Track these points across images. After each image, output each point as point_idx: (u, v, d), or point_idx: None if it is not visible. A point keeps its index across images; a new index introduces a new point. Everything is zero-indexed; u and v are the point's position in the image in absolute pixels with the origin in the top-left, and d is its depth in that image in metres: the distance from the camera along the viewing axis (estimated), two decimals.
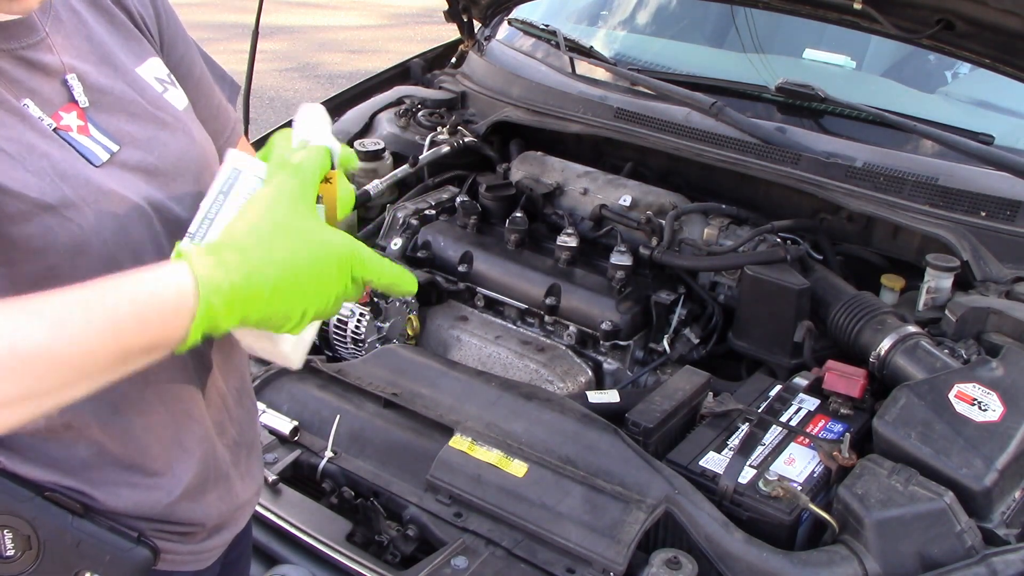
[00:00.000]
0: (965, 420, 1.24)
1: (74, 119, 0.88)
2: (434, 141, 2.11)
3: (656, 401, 1.39)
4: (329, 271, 0.79)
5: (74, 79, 0.89)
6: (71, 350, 0.68)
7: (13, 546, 0.87)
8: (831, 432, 1.35)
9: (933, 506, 1.14)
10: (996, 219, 1.62)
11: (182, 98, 1.00)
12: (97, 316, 0.69)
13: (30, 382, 0.67)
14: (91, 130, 0.88)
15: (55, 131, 0.85)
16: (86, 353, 0.69)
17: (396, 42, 7.06)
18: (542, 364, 1.65)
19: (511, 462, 1.27)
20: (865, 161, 1.77)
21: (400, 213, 1.94)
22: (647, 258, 1.76)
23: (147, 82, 0.97)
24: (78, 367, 0.69)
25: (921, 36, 1.73)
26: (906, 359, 1.39)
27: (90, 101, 0.90)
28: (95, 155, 0.88)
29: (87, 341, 0.68)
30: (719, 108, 1.89)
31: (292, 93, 5.78)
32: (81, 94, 0.89)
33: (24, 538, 0.87)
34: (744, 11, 2.13)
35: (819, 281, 1.63)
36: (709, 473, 1.27)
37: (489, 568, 1.16)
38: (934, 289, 1.56)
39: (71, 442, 0.91)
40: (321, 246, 0.79)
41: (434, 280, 1.84)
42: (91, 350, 0.69)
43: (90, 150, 0.87)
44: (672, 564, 1.11)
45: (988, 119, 1.88)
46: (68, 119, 0.87)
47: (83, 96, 0.89)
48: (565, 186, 1.96)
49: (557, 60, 2.21)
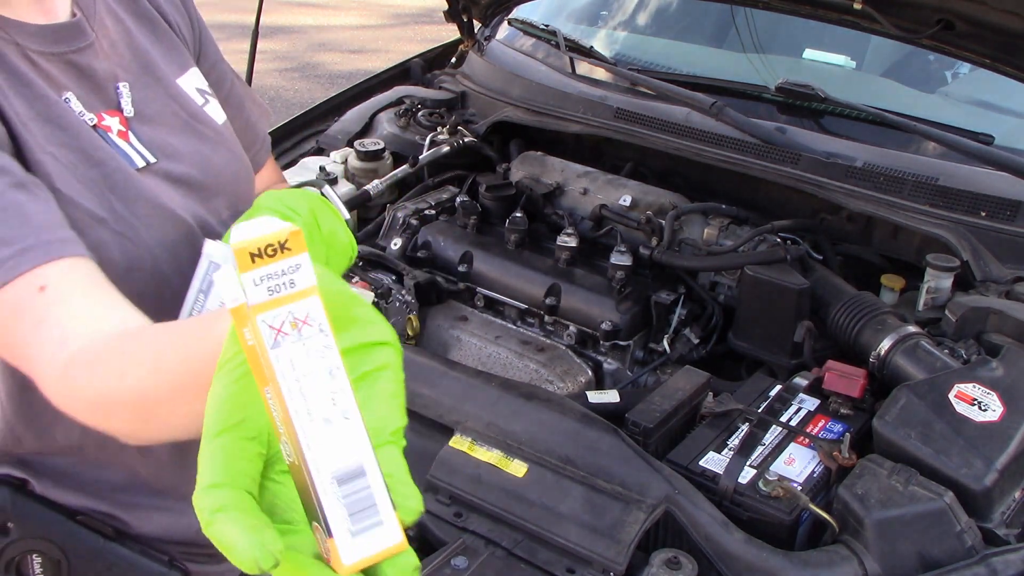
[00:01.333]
0: (965, 420, 1.24)
1: (116, 123, 0.86)
2: (434, 141, 2.11)
3: (656, 401, 1.39)
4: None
5: (125, 87, 0.88)
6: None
7: (42, 570, 0.87)
8: (831, 432, 1.35)
9: (933, 506, 1.14)
10: (996, 219, 1.62)
11: (220, 112, 0.98)
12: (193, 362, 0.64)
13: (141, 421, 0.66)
14: (131, 137, 0.87)
15: (94, 127, 0.84)
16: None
17: (396, 42, 7.06)
18: (542, 364, 1.65)
19: (511, 462, 1.27)
20: (865, 161, 1.77)
21: (400, 213, 1.94)
22: (647, 258, 1.76)
23: (188, 94, 0.94)
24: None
25: (921, 36, 1.73)
26: (906, 359, 1.39)
27: (135, 112, 0.88)
28: (132, 161, 0.86)
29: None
30: (719, 108, 1.89)
31: (292, 93, 5.78)
32: (128, 104, 0.88)
33: (54, 562, 0.87)
34: (744, 11, 2.13)
35: (819, 281, 1.63)
36: (709, 473, 1.27)
37: (489, 568, 1.16)
38: (934, 289, 1.56)
39: (103, 466, 0.90)
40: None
41: (434, 280, 1.84)
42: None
43: (128, 156, 0.86)
44: (672, 564, 1.11)
45: (988, 119, 1.88)
46: (109, 121, 0.86)
47: (130, 106, 0.88)
48: (565, 186, 1.96)
49: (557, 60, 2.21)
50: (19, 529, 0.86)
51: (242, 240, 0.48)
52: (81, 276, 0.72)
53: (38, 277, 0.70)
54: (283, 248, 0.48)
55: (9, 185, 0.73)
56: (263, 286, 0.48)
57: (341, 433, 0.48)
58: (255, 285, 0.48)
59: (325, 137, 2.20)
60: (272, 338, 0.48)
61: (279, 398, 0.48)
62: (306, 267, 0.49)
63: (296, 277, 0.49)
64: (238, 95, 1.06)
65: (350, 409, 0.49)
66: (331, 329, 0.49)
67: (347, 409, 0.49)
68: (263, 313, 0.48)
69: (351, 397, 0.49)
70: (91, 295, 0.71)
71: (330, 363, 0.49)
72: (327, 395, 0.49)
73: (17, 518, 0.86)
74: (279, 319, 0.48)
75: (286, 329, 0.48)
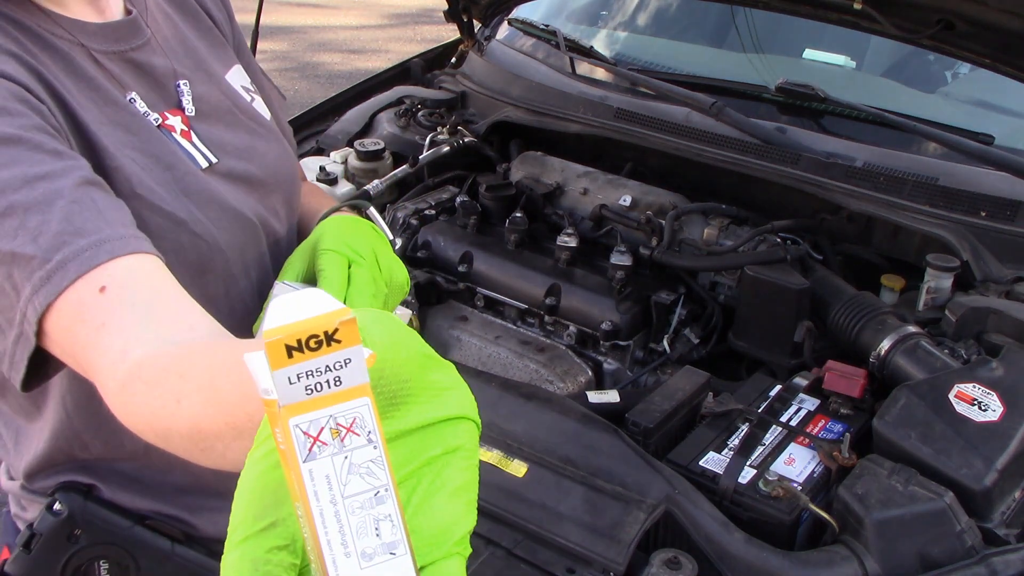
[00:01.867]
0: (965, 420, 1.24)
1: (179, 123, 0.85)
2: (434, 141, 2.11)
3: (656, 401, 1.39)
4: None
5: (185, 85, 0.87)
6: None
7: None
8: (831, 432, 1.35)
9: (933, 506, 1.14)
10: (996, 219, 1.62)
11: (265, 108, 0.97)
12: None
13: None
14: (193, 137, 0.86)
15: (159, 128, 0.83)
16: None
17: (396, 42, 7.06)
18: (542, 364, 1.65)
19: (511, 462, 1.27)
20: (865, 161, 1.77)
21: (400, 213, 1.94)
22: (647, 258, 1.76)
23: (236, 90, 0.94)
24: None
25: (921, 36, 1.73)
26: (906, 359, 1.39)
27: (195, 110, 0.87)
28: (196, 162, 0.85)
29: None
30: (719, 108, 1.89)
31: (292, 93, 5.77)
32: (189, 102, 0.87)
33: (122, 568, 0.85)
34: (744, 11, 2.13)
35: (819, 281, 1.63)
36: (709, 473, 1.27)
37: (489, 568, 1.16)
38: (934, 289, 1.56)
39: (168, 470, 0.89)
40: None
41: (434, 280, 1.84)
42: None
43: (192, 156, 0.85)
44: (672, 564, 1.11)
45: (988, 119, 1.88)
46: (172, 121, 0.85)
47: (191, 105, 0.87)
48: (565, 186, 1.96)
49: (557, 60, 2.21)
50: (88, 536, 0.85)
51: (279, 325, 0.38)
52: (147, 275, 0.69)
53: (102, 275, 0.66)
54: (331, 340, 0.38)
55: (82, 180, 0.71)
56: (301, 384, 0.39)
57: (384, 573, 0.39)
58: (290, 384, 0.38)
59: (325, 137, 2.20)
60: (306, 448, 0.39)
61: (310, 522, 0.39)
62: (357, 362, 0.39)
63: (344, 374, 0.39)
64: (267, 92, 1.06)
65: (398, 543, 0.40)
66: (382, 436, 0.40)
67: (394, 543, 0.40)
68: (298, 416, 0.39)
69: (401, 528, 0.40)
70: (158, 297, 0.67)
71: (377, 483, 0.40)
72: (370, 523, 0.39)
73: (86, 525, 0.85)
74: (317, 425, 0.39)
75: (325, 437, 0.39)
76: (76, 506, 0.85)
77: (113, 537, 0.86)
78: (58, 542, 0.84)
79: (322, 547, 0.39)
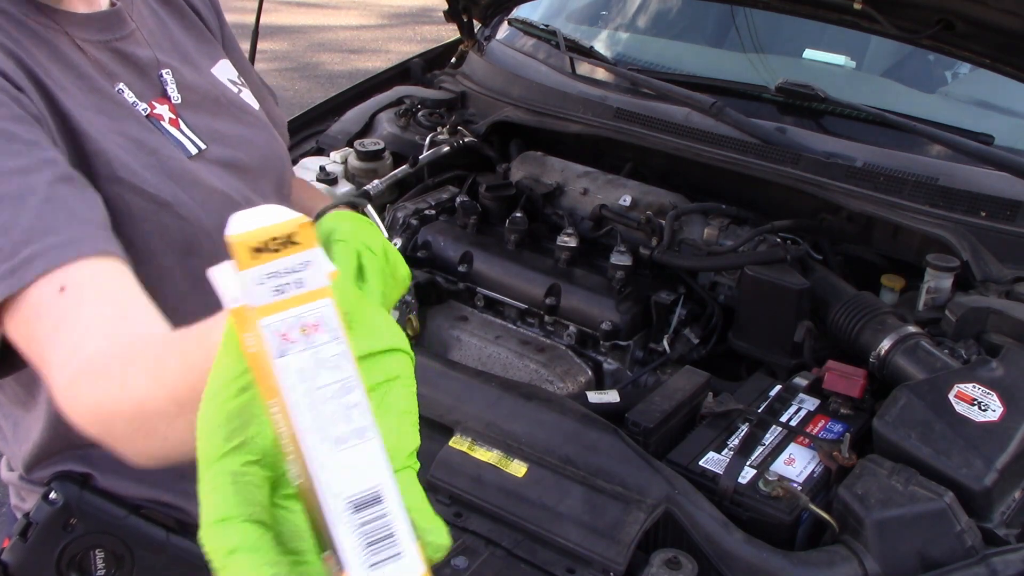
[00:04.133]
0: (965, 420, 1.24)
1: (166, 111, 0.87)
2: (434, 141, 2.11)
3: (656, 401, 1.39)
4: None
5: (168, 74, 0.89)
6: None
7: (104, 565, 0.86)
8: (831, 432, 1.35)
9: (933, 506, 1.14)
10: (996, 219, 1.62)
11: (253, 99, 1.00)
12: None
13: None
14: (181, 125, 0.88)
15: (148, 118, 0.85)
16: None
17: (396, 42, 7.06)
18: (542, 364, 1.65)
19: (511, 462, 1.27)
20: (865, 161, 1.77)
21: (400, 213, 1.94)
22: (647, 258, 1.76)
23: (223, 82, 0.96)
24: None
25: (921, 36, 1.73)
26: (906, 359, 1.39)
27: (181, 99, 0.89)
28: (186, 149, 0.87)
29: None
30: (719, 108, 1.89)
31: (292, 93, 5.77)
32: (174, 90, 0.89)
33: (117, 557, 0.86)
34: (744, 11, 2.13)
35: (819, 281, 1.62)
36: (709, 473, 1.27)
37: (489, 568, 1.16)
38: (934, 289, 1.56)
39: None
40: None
41: (434, 280, 1.84)
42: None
43: (181, 143, 0.87)
44: (672, 564, 1.11)
45: (988, 119, 1.88)
46: (160, 110, 0.87)
47: (176, 92, 0.89)
48: (565, 186, 1.96)
49: (557, 60, 2.21)
50: (83, 525, 0.85)
51: (243, 231, 0.42)
52: (109, 279, 0.69)
53: (62, 276, 0.67)
54: (290, 242, 0.42)
55: (55, 178, 0.71)
56: (267, 285, 0.42)
57: (356, 454, 0.42)
58: (258, 284, 0.42)
59: (325, 137, 2.20)
60: (278, 346, 0.42)
61: (286, 414, 0.42)
62: (317, 264, 0.43)
63: (305, 276, 0.43)
64: (257, 86, 1.08)
65: (367, 427, 0.43)
66: (346, 334, 0.43)
67: (363, 427, 0.43)
68: (268, 317, 0.42)
69: (368, 414, 0.43)
70: (116, 300, 0.68)
71: (344, 375, 0.43)
72: (341, 411, 0.43)
73: (81, 514, 0.85)
74: (286, 324, 0.42)
75: (294, 336, 0.42)
76: (72, 495, 0.86)
77: (108, 526, 0.86)
78: (54, 531, 0.84)
79: (299, 435, 0.42)
